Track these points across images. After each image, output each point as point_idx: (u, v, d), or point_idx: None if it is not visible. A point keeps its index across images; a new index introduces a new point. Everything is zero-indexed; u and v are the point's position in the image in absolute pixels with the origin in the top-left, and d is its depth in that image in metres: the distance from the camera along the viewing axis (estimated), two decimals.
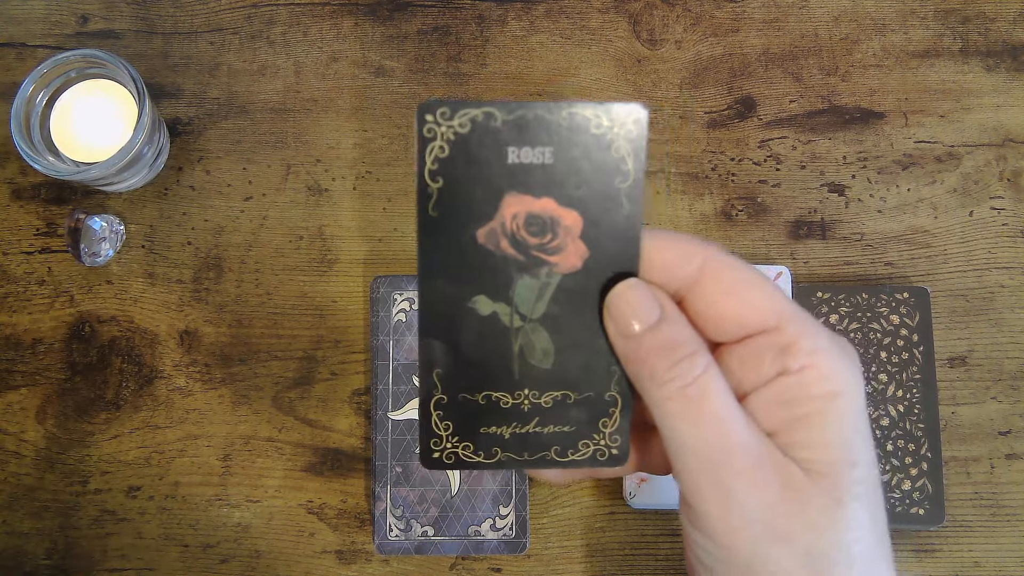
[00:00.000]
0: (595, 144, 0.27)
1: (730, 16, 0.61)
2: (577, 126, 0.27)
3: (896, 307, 0.55)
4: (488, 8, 0.61)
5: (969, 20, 0.61)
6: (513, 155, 0.27)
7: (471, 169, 0.27)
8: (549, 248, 0.27)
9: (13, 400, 0.56)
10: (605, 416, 0.29)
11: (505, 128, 0.27)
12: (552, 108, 0.27)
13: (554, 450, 0.29)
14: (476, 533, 0.53)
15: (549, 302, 0.28)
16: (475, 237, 0.27)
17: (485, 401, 0.28)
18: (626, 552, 0.54)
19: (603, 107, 0.27)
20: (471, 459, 0.29)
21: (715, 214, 0.58)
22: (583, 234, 0.27)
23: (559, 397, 0.29)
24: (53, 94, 0.55)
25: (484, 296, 0.28)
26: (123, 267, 0.58)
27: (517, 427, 0.29)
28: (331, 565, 0.54)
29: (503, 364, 0.28)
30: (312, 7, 0.61)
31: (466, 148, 0.27)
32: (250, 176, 0.59)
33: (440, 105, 0.26)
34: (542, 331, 0.28)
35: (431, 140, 0.27)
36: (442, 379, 0.28)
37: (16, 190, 0.59)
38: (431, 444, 0.29)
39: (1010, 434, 0.55)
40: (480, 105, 0.27)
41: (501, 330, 0.28)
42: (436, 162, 0.27)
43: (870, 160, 0.59)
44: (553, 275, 0.28)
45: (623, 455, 0.29)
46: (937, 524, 0.52)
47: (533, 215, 0.27)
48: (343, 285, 0.57)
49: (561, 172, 0.27)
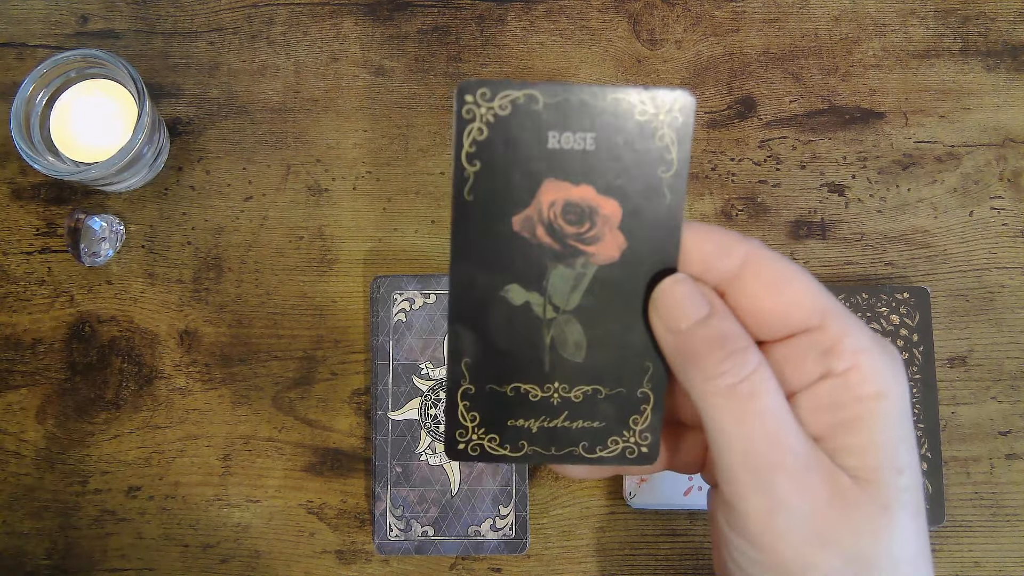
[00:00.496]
0: (639, 131, 0.26)
1: (730, 16, 0.61)
2: (621, 112, 0.26)
3: (896, 307, 0.55)
4: (488, 8, 0.61)
5: (969, 20, 0.61)
6: (554, 140, 0.26)
7: (510, 153, 0.26)
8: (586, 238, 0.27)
9: (13, 400, 0.56)
10: (636, 413, 0.28)
11: (547, 111, 0.26)
12: (596, 92, 0.26)
13: (582, 446, 0.28)
14: (476, 533, 0.53)
15: (584, 293, 0.27)
16: (511, 223, 0.26)
17: (514, 393, 0.28)
18: (626, 552, 0.54)
19: (649, 92, 0.26)
20: (497, 452, 0.28)
21: (715, 214, 0.58)
22: (622, 224, 0.27)
23: (589, 392, 0.28)
24: (53, 94, 0.55)
25: (517, 285, 0.27)
26: (123, 267, 0.58)
27: (546, 421, 0.28)
28: (331, 565, 0.54)
29: (534, 356, 0.27)
30: (312, 7, 0.61)
31: (506, 131, 0.26)
32: (250, 176, 0.59)
33: (481, 85, 0.26)
34: (575, 323, 0.27)
35: (470, 121, 0.26)
36: (470, 368, 0.28)
37: (16, 190, 0.59)
38: (456, 435, 0.28)
39: (1010, 434, 0.55)
40: (522, 87, 0.26)
41: (533, 321, 0.27)
42: (474, 144, 0.26)
43: (870, 160, 0.59)
44: (589, 266, 0.27)
45: (653, 454, 0.28)
46: (937, 524, 0.52)
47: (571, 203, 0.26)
48: (343, 285, 0.57)
49: (602, 159, 0.26)
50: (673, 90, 0.26)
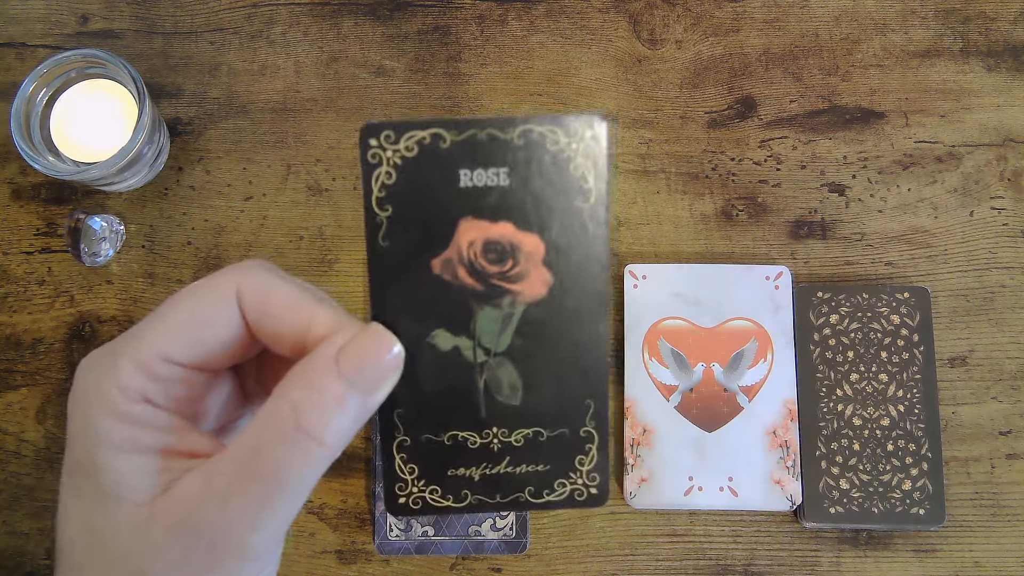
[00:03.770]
0: (552, 162, 0.25)
1: (730, 16, 0.61)
2: (532, 143, 0.25)
3: (896, 307, 0.55)
4: (488, 8, 0.61)
5: (970, 20, 0.61)
6: (466, 177, 0.25)
7: (422, 195, 0.25)
8: (510, 276, 0.26)
9: (13, 400, 0.56)
10: (581, 453, 0.27)
11: (456, 149, 0.25)
12: (504, 125, 0.25)
13: (528, 491, 0.27)
14: (476, 533, 0.53)
15: (514, 334, 0.26)
16: (430, 267, 0.26)
17: (451, 441, 0.27)
18: (626, 552, 0.54)
19: (559, 121, 0.25)
20: (439, 503, 0.27)
21: (715, 214, 0.58)
22: (546, 260, 0.26)
23: (530, 435, 0.27)
24: (53, 94, 0.55)
25: (444, 330, 0.26)
26: (123, 267, 0.58)
27: (488, 468, 0.27)
28: (331, 565, 0.54)
29: (468, 402, 0.27)
30: (312, 7, 0.61)
31: (415, 173, 0.25)
32: (250, 176, 0.59)
33: (384, 128, 0.25)
34: (508, 365, 0.26)
35: (377, 166, 0.25)
36: (404, 420, 0.27)
37: (16, 190, 0.59)
38: (396, 489, 0.27)
39: (1010, 434, 0.55)
40: (427, 126, 0.25)
41: (464, 366, 0.26)
42: (383, 189, 0.25)
43: (870, 160, 0.59)
44: (516, 305, 0.26)
45: (603, 495, 0.28)
46: (937, 524, 0.52)
47: (491, 241, 0.26)
48: (343, 285, 0.57)
49: (518, 194, 0.25)
50: (584, 115, 0.25)
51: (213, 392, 0.28)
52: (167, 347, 0.25)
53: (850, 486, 0.52)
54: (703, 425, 0.53)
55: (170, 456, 0.25)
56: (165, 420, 0.25)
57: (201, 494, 0.24)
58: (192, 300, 0.26)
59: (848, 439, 0.53)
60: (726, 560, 0.54)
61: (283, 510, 0.24)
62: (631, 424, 0.54)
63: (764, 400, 0.54)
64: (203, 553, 0.24)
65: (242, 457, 0.24)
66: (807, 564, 0.53)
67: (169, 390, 0.26)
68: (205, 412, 0.28)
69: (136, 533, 0.24)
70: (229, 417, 0.29)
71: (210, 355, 0.26)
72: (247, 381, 0.30)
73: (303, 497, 0.24)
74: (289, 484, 0.24)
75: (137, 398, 0.25)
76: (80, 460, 0.25)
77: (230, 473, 0.24)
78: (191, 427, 0.26)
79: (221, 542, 0.24)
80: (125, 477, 0.24)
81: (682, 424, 0.53)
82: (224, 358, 0.26)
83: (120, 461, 0.24)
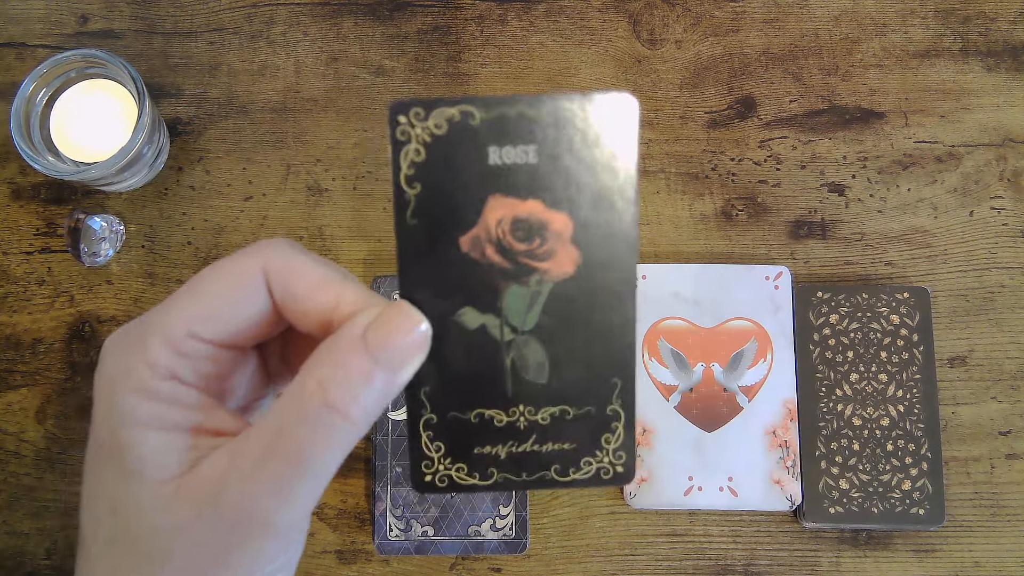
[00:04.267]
0: (581, 140, 0.25)
1: (730, 16, 0.61)
2: (562, 121, 0.25)
3: (896, 307, 0.55)
4: (488, 8, 0.61)
5: (969, 20, 0.61)
6: (495, 155, 0.25)
7: (450, 172, 0.25)
8: (538, 254, 0.26)
9: (13, 400, 0.56)
10: (608, 432, 0.27)
11: (484, 127, 0.25)
12: (534, 102, 0.25)
13: (554, 469, 0.27)
14: (476, 533, 0.53)
15: (541, 312, 0.26)
16: (458, 245, 0.26)
17: (477, 419, 0.27)
18: (626, 552, 0.54)
19: (588, 98, 0.25)
20: (466, 481, 0.27)
21: (715, 214, 0.58)
22: (574, 237, 0.26)
23: (557, 413, 0.27)
24: (53, 94, 0.55)
25: (471, 308, 0.26)
26: (123, 267, 0.58)
27: (513, 446, 0.27)
28: (331, 565, 0.54)
29: (495, 380, 0.27)
30: (312, 7, 0.61)
31: (444, 150, 0.25)
32: (250, 176, 0.59)
33: (413, 104, 0.25)
34: (535, 343, 0.26)
35: (405, 143, 0.25)
36: (430, 398, 0.27)
37: (16, 190, 0.59)
38: (422, 467, 0.27)
39: (1010, 434, 0.55)
40: (456, 103, 0.25)
41: (491, 344, 0.26)
42: (412, 167, 0.25)
43: (870, 160, 0.59)
44: (544, 283, 0.26)
45: (629, 473, 0.28)
46: (937, 524, 0.52)
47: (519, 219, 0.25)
48: None
49: (547, 171, 0.25)
50: (614, 93, 0.25)
51: (239, 370, 0.28)
52: (195, 324, 0.25)
53: (850, 486, 0.52)
54: (703, 425, 0.53)
55: (197, 434, 0.25)
56: (193, 397, 0.25)
57: (226, 472, 0.24)
58: (220, 277, 0.26)
59: (848, 439, 0.53)
60: (726, 560, 0.54)
61: (308, 489, 0.24)
62: None
63: (764, 400, 0.54)
64: (227, 531, 0.24)
65: (268, 435, 0.24)
66: (807, 564, 0.53)
67: (197, 367, 0.26)
68: (231, 390, 0.28)
69: (161, 511, 0.24)
70: (253, 396, 0.29)
71: (237, 332, 0.26)
72: (271, 360, 0.30)
73: (328, 476, 0.24)
74: (314, 462, 0.24)
75: (165, 375, 0.25)
76: (105, 438, 0.25)
77: (256, 452, 0.24)
78: (218, 405, 0.26)
79: (245, 520, 0.24)
80: (151, 454, 0.24)
81: (682, 424, 0.53)
82: (251, 336, 0.26)
83: (147, 438, 0.24)
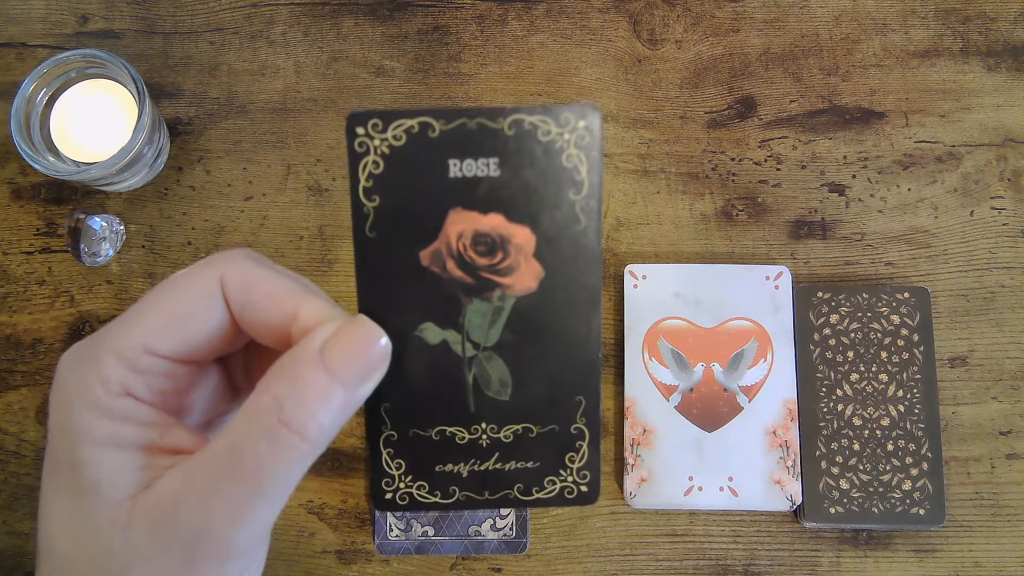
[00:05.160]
0: (544, 153, 0.25)
1: (730, 16, 0.61)
2: (524, 134, 0.24)
3: (896, 307, 0.55)
4: (488, 8, 0.61)
5: (969, 20, 0.61)
6: (455, 168, 0.25)
7: (410, 185, 0.25)
8: (500, 268, 0.25)
9: (13, 400, 0.56)
10: (572, 450, 0.27)
11: (445, 139, 0.24)
12: (495, 115, 0.24)
13: (517, 488, 0.27)
14: (476, 533, 0.53)
15: (504, 328, 0.26)
16: (419, 259, 0.25)
17: (439, 437, 0.26)
18: (626, 552, 0.54)
19: (550, 111, 0.25)
20: (427, 499, 0.27)
21: (715, 214, 0.58)
22: (537, 252, 0.25)
23: (520, 431, 0.26)
24: (53, 94, 0.55)
25: (432, 323, 0.26)
26: (123, 267, 0.58)
27: (476, 464, 0.27)
28: (331, 565, 0.54)
29: (457, 396, 0.26)
30: (312, 7, 0.61)
31: (403, 163, 0.25)
32: (250, 176, 0.59)
33: (371, 116, 0.24)
34: (498, 360, 0.26)
35: (364, 155, 0.25)
36: (391, 414, 0.26)
37: (16, 190, 0.59)
38: (383, 484, 0.27)
39: (1010, 434, 0.55)
40: (415, 115, 0.24)
41: (452, 360, 0.26)
42: (371, 179, 0.25)
43: (870, 160, 0.59)
44: (506, 298, 0.25)
45: (594, 493, 0.27)
46: (937, 524, 0.52)
47: (481, 233, 0.25)
48: (343, 285, 0.57)
49: (509, 185, 0.25)
50: (577, 106, 0.25)
51: (199, 385, 0.28)
52: (150, 338, 0.25)
53: (850, 486, 0.52)
54: (703, 425, 0.53)
55: (152, 452, 0.24)
56: (148, 415, 0.25)
57: (182, 492, 0.23)
58: (175, 290, 0.25)
59: (848, 439, 0.53)
60: (726, 560, 0.54)
61: (265, 508, 0.24)
62: (631, 424, 0.54)
63: (764, 400, 0.54)
64: (184, 552, 0.23)
65: (223, 453, 0.23)
66: (807, 564, 0.53)
67: (152, 383, 0.25)
68: (190, 406, 0.28)
69: (117, 531, 0.23)
70: (216, 411, 0.29)
71: (194, 346, 0.25)
72: (235, 374, 0.29)
73: (286, 494, 0.24)
74: (271, 481, 0.23)
75: (119, 391, 0.24)
76: (61, 456, 0.24)
77: (211, 470, 0.23)
78: (175, 422, 0.26)
79: (202, 541, 0.23)
80: (106, 474, 0.24)
81: (682, 424, 0.53)
82: (209, 350, 0.26)
83: (101, 457, 0.24)
